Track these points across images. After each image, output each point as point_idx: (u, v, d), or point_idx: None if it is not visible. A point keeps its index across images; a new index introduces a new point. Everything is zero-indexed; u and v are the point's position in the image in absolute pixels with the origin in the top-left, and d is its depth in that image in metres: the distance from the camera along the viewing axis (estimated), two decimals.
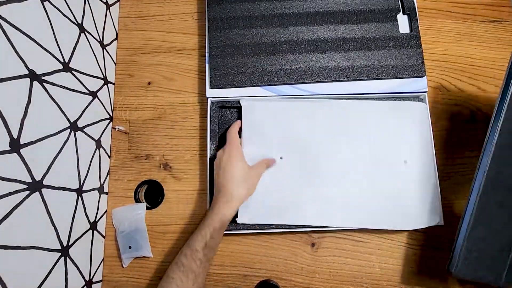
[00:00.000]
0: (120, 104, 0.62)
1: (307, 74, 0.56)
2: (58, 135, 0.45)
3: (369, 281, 0.54)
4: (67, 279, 0.45)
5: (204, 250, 0.45)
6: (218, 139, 0.56)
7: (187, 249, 0.45)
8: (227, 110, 0.58)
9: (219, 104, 0.57)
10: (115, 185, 0.58)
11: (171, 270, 0.45)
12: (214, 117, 0.56)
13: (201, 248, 0.45)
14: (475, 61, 0.64)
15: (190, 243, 0.46)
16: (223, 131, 0.57)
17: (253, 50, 0.57)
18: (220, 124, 0.57)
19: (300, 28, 0.58)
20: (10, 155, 0.35)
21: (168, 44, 0.64)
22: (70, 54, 0.48)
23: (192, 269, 0.44)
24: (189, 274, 0.44)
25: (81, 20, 0.52)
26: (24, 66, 0.38)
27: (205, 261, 0.45)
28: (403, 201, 0.53)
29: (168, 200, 0.58)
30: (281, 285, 0.54)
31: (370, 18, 0.58)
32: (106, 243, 0.56)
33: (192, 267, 0.44)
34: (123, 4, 0.67)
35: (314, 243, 0.56)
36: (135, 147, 0.60)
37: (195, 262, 0.44)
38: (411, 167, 0.54)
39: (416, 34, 0.58)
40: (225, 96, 0.56)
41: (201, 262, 0.44)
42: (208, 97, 0.56)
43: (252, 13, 0.59)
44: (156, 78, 0.63)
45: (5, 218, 0.34)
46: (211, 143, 0.55)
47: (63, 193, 0.45)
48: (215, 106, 0.56)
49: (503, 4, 0.66)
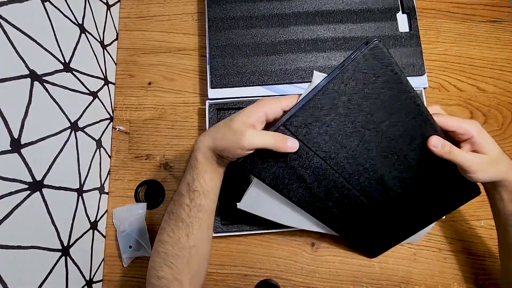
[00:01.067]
0: (120, 104, 0.62)
1: (308, 73, 0.57)
2: (59, 135, 0.45)
3: (369, 281, 0.54)
4: (67, 278, 0.45)
5: (189, 192, 0.39)
6: None
7: (175, 194, 0.41)
8: (226, 112, 0.58)
9: (217, 106, 0.56)
10: (115, 185, 0.59)
11: (163, 221, 0.42)
12: (213, 119, 0.56)
13: (185, 191, 0.40)
14: (474, 61, 0.64)
15: (177, 189, 0.42)
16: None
17: (253, 50, 0.58)
18: None
19: (300, 27, 0.58)
20: (10, 155, 0.35)
21: (168, 44, 0.65)
22: (70, 54, 0.48)
23: (181, 217, 0.39)
24: (178, 223, 0.39)
25: (81, 20, 0.52)
26: (24, 66, 0.38)
27: (194, 208, 0.39)
28: None
29: (169, 200, 0.58)
30: (281, 285, 0.54)
31: (370, 17, 0.59)
32: (106, 243, 0.56)
33: (180, 214, 0.39)
34: (123, 4, 0.67)
35: (314, 243, 0.56)
36: (135, 147, 0.60)
37: (183, 208, 0.39)
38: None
39: (415, 33, 0.58)
40: (226, 96, 0.56)
41: (189, 209, 0.39)
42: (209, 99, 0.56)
43: (252, 13, 0.59)
44: (156, 78, 0.63)
45: (5, 218, 0.34)
46: None
47: (64, 193, 0.45)
48: (213, 108, 0.56)
49: (502, 5, 0.67)
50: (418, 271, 0.54)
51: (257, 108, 0.36)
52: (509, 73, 0.64)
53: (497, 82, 0.63)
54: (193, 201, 0.39)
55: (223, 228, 0.53)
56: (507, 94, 0.63)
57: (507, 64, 0.64)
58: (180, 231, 0.39)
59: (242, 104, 0.56)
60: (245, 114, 0.36)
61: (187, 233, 0.39)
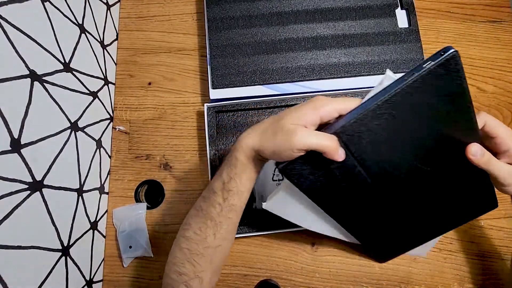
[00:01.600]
0: (120, 104, 0.62)
1: (308, 71, 0.57)
2: (59, 135, 0.45)
3: (369, 281, 0.54)
4: (67, 278, 0.45)
5: (223, 193, 0.38)
6: (218, 144, 0.56)
7: (206, 191, 0.40)
8: (224, 114, 0.58)
9: (216, 109, 0.56)
10: (115, 185, 0.59)
11: (189, 216, 0.40)
12: (212, 122, 0.56)
13: (219, 188, 0.38)
14: (474, 61, 0.64)
15: (209, 185, 0.40)
16: (221, 136, 0.57)
17: (253, 49, 0.58)
18: (218, 128, 0.57)
19: (300, 26, 0.59)
20: (11, 155, 0.35)
21: (168, 44, 0.65)
22: (70, 54, 0.48)
23: (210, 215, 0.38)
24: (207, 221, 0.38)
25: (81, 20, 0.52)
26: (25, 67, 0.38)
27: (226, 208, 0.38)
28: None
29: (168, 200, 0.58)
30: (281, 285, 0.54)
31: (369, 14, 0.59)
32: (106, 243, 0.56)
33: (210, 212, 0.38)
34: (123, 4, 0.67)
35: (314, 243, 0.56)
36: (135, 147, 0.60)
37: (214, 207, 0.38)
38: None
39: (414, 29, 0.58)
40: (228, 96, 0.56)
41: (221, 209, 0.38)
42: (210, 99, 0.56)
43: (252, 12, 0.59)
44: (156, 78, 0.63)
45: (6, 218, 0.34)
46: (210, 148, 0.55)
47: (64, 193, 0.45)
48: (212, 111, 0.56)
49: (502, 5, 0.67)
50: (418, 271, 0.54)
51: (312, 111, 0.33)
52: (509, 73, 0.64)
53: (497, 82, 0.63)
54: (226, 201, 0.38)
55: None
56: (507, 94, 0.63)
57: (507, 64, 0.64)
58: (208, 230, 0.38)
59: (241, 106, 0.56)
60: (298, 115, 0.33)
61: (214, 232, 0.38)
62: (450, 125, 0.34)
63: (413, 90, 0.31)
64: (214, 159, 0.54)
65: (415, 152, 0.36)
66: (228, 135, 0.57)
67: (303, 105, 0.34)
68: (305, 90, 0.57)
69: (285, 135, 0.32)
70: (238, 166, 0.37)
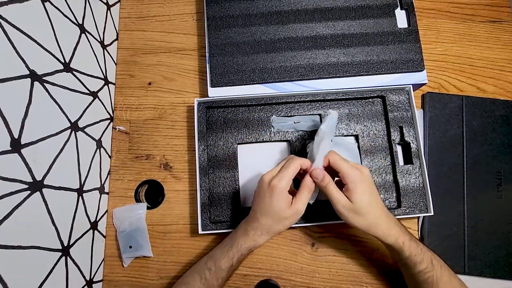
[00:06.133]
0: (120, 104, 0.62)
1: (307, 70, 0.57)
2: (59, 135, 0.45)
3: (369, 281, 0.54)
4: (67, 278, 0.45)
5: (229, 271, 0.45)
6: (207, 140, 0.56)
7: (212, 263, 0.45)
8: (214, 110, 0.58)
9: (206, 105, 0.56)
10: (115, 185, 0.59)
11: (191, 278, 0.45)
12: (202, 117, 0.56)
13: (226, 268, 0.44)
14: (474, 61, 0.64)
15: (216, 258, 0.45)
16: (211, 131, 0.57)
17: (252, 48, 0.58)
18: (208, 124, 0.57)
19: (299, 25, 0.58)
20: (11, 155, 0.35)
21: (168, 44, 0.65)
22: (70, 54, 0.48)
23: (212, 286, 0.44)
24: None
25: (81, 20, 0.52)
26: (25, 67, 0.38)
27: (225, 280, 0.45)
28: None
29: (169, 200, 0.58)
30: (281, 285, 0.54)
31: (368, 14, 0.59)
32: (106, 243, 0.56)
33: (213, 284, 0.44)
34: (123, 4, 0.67)
35: (314, 243, 0.56)
36: (135, 147, 0.60)
37: (217, 280, 0.44)
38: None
39: (414, 29, 0.58)
40: (226, 94, 0.56)
41: (223, 282, 0.45)
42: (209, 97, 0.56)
43: (251, 11, 0.59)
44: (156, 78, 0.63)
45: (6, 218, 0.34)
46: (199, 143, 0.55)
47: (64, 193, 0.45)
48: (202, 107, 0.56)
49: (502, 5, 0.67)
50: None
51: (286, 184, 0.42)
52: (509, 73, 0.64)
53: (497, 82, 0.63)
54: (228, 276, 0.46)
55: (217, 226, 0.53)
56: (507, 94, 0.63)
57: (507, 64, 0.64)
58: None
59: (232, 102, 0.56)
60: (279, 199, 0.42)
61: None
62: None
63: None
64: (203, 154, 0.54)
65: None
66: (218, 131, 0.57)
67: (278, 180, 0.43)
68: (304, 89, 0.57)
69: (285, 221, 0.44)
70: (244, 254, 0.45)
